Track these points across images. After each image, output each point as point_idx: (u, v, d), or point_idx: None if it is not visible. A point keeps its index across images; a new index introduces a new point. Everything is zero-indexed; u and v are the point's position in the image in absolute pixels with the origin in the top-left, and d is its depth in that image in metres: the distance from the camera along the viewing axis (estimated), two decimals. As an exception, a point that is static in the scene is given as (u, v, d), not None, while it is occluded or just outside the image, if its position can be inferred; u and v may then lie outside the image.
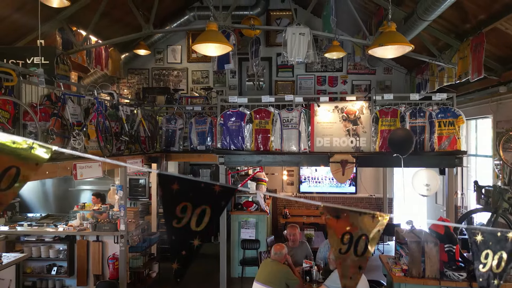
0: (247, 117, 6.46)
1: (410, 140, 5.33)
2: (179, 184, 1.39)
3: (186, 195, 1.40)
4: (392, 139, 5.49)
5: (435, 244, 4.07)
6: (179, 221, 1.43)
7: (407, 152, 5.34)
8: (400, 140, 5.37)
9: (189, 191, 1.41)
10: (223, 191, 1.41)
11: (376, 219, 1.40)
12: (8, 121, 3.82)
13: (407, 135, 5.44)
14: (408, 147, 5.31)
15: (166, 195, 1.40)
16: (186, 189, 1.41)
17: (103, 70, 9.05)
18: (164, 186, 1.39)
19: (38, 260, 6.92)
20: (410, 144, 5.32)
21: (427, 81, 8.28)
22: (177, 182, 1.39)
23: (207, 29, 4.43)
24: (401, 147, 5.31)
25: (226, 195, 1.44)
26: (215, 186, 1.41)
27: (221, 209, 1.47)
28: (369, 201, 10.36)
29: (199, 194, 1.43)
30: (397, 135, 5.50)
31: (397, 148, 5.40)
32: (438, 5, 4.98)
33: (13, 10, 6.68)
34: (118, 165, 5.85)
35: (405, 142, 5.27)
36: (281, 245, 4.85)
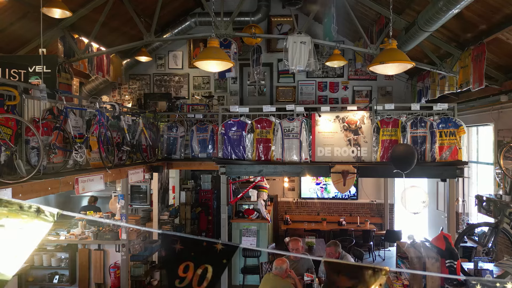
0: (248, 127, 6.48)
1: (412, 156, 5.34)
2: (182, 243, 1.40)
3: (188, 254, 1.41)
4: (394, 154, 5.50)
5: (436, 260, 4.08)
6: (181, 281, 1.43)
7: (409, 168, 5.35)
8: (402, 156, 5.37)
9: (191, 250, 1.42)
10: (225, 249, 1.42)
11: (377, 273, 1.40)
12: (11, 138, 3.84)
13: (409, 151, 5.45)
14: (410, 163, 5.31)
15: (168, 255, 1.40)
16: (188, 248, 1.41)
17: (104, 76, 9.06)
18: (166, 246, 1.39)
19: (40, 269, 6.94)
20: (412, 160, 5.33)
21: (428, 88, 8.28)
22: (179, 241, 1.40)
23: (208, 46, 4.44)
24: (403, 162, 5.32)
25: (228, 253, 1.45)
26: (217, 244, 1.41)
27: (222, 268, 1.48)
28: (370, 207, 10.36)
29: (201, 253, 1.43)
30: (399, 151, 5.50)
31: (399, 164, 5.41)
32: (440, 17, 4.98)
33: (15, 19, 6.72)
34: (120, 177, 5.87)
35: (407, 158, 5.28)
36: (282, 259, 4.86)
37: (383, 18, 7.12)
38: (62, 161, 4.66)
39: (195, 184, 10.16)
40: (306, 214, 10.46)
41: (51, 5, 5.71)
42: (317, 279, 5.16)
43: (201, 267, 1.44)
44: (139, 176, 6.49)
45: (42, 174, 4.09)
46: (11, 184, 3.49)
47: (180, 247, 1.41)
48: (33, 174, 3.81)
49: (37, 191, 3.77)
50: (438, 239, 4.27)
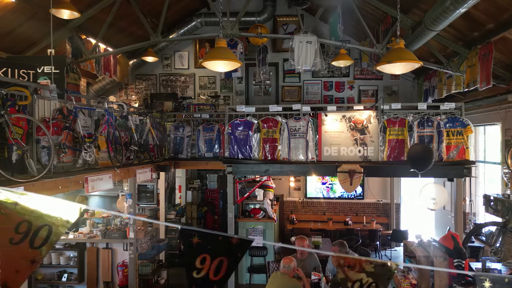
0: (254, 126, 6.50)
1: (430, 156, 5.33)
2: (199, 237, 1.44)
3: (205, 247, 1.46)
4: (412, 154, 5.49)
5: (444, 259, 4.08)
6: (199, 272, 1.48)
7: (425, 168, 5.34)
8: (420, 156, 5.36)
9: (207, 243, 1.47)
10: (239, 243, 1.47)
11: (387, 268, 1.43)
12: (22, 137, 3.89)
13: (427, 151, 5.43)
14: (427, 164, 5.30)
15: (186, 248, 1.45)
16: (205, 241, 1.46)
17: (111, 76, 9.13)
18: (185, 240, 1.44)
19: (49, 267, 7.02)
20: (430, 160, 5.31)
21: (435, 87, 8.25)
22: (197, 235, 1.44)
23: (216, 46, 4.47)
24: (420, 163, 5.31)
25: (242, 247, 1.49)
26: (232, 238, 1.46)
27: (237, 261, 1.53)
28: (376, 207, 10.34)
29: (217, 246, 1.48)
30: (417, 150, 5.50)
31: (416, 163, 5.39)
32: (447, 16, 4.97)
33: (24, 20, 6.79)
34: (128, 176, 5.92)
35: (425, 159, 5.27)
36: (290, 258, 4.88)
37: (389, 17, 7.11)
38: (72, 160, 4.72)
39: (201, 183, 10.21)
40: (312, 213, 10.46)
41: (59, 6, 5.77)
42: (324, 278, 5.17)
43: (217, 259, 1.48)
44: (146, 176, 6.54)
45: (53, 173, 4.15)
46: (23, 183, 3.55)
47: (198, 240, 1.46)
48: (44, 173, 3.87)
49: (48, 189, 3.83)
50: (446, 238, 4.27)
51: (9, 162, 3.77)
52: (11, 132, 3.61)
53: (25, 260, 1.21)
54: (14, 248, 1.20)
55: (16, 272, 1.26)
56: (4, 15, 6.36)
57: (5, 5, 6.16)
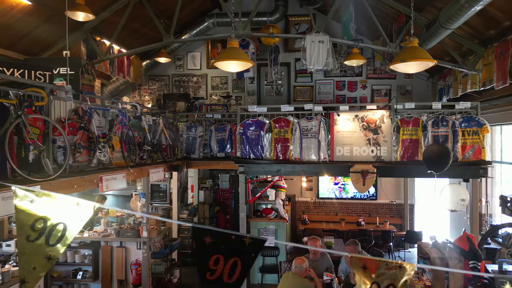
0: (266, 126, 6.51)
1: (447, 157, 5.24)
2: (212, 236, 1.44)
3: (218, 247, 1.45)
4: (428, 155, 5.41)
5: (459, 261, 4.01)
6: (212, 273, 1.48)
7: (443, 169, 5.25)
8: (436, 157, 5.28)
9: (221, 243, 1.46)
10: (253, 243, 1.46)
11: (403, 269, 1.41)
12: (39, 137, 3.97)
13: (445, 151, 5.34)
14: (445, 165, 5.22)
15: (199, 248, 1.45)
16: (218, 241, 1.46)
17: (125, 77, 9.26)
18: (197, 239, 1.44)
19: (65, 265, 7.14)
20: (447, 161, 5.23)
21: (450, 86, 8.12)
22: (209, 235, 1.44)
23: (228, 46, 4.49)
24: (437, 164, 5.23)
25: (256, 247, 1.48)
26: (245, 238, 1.45)
27: (251, 262, 1.52)
28: (389, 207, 10.23)
29: (231, 246, 1.48)
30: (433, 151, 5.41)
31: (432, 165, 5.31)
32: (462, 14, 4.89)
33: (40, 23, 6.92)
34: (142, 175, 5.99)
35: (442, 159, 5.18)
36: (302, 258, 4.87)
37: (403, 16, 7.03)
38: (87, 160, 4.79)
39: (213, 183, 10.26)
40: (324, 214, 10.41)
41: (74, 8, 5.87)
42: (336, 278, 5.14)
43: (230, 260, 1.48)
44: (159, 175, 6.60)
45: (68, 172, 4.23)
46: (40, 182, 3.62)
47: (211, 240, 1.46)
48: (59, 172, 3.94)
49: (64, 188, 3.90)
50: (461, 239, 4.20)
51: (26, 161, 3.85)
52: (28, 132, 3.69)
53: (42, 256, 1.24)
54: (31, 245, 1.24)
55: (34, 268, 1.29)
56: (21, 18, 6.50)
57: (22, 8, 6.29)
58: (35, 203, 1.24)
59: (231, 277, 1.49)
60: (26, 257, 1.26)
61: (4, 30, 6.55)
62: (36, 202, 1.23)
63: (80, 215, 1.31)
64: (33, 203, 1.25)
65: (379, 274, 1.40)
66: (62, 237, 1.27)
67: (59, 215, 1.25)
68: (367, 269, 1.42)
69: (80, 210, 1.30)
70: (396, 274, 1.40)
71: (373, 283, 1.42)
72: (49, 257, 1.26)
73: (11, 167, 3.50)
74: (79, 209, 1.30)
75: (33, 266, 1.27)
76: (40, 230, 1.24)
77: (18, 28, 6.71)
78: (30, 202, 1.26)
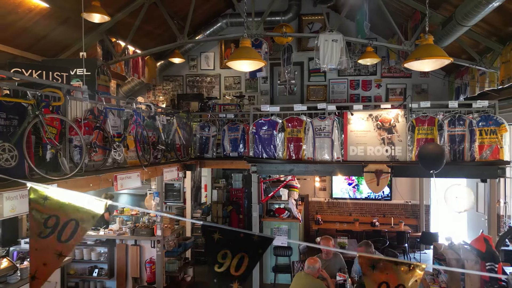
0: (279, 126, 6.50)
1: (441, 155, 5.16)
2: (220, 233, 1.46)
3: (226, 243, 1.48)
4: (422, 155, 5.35)
5: (475, 262, 3.93)
6: (220, 266, 1.50)
7: (439, 167, 5.18)
8: (430, 156, 5.22)
9: (229, 240, 1.49)
10: (261, 240, 1.47)
11: (413, 270, 1.39)
12: (56, 137, 4.06)
13: (438, 150, 5.27)
14: (440, 163, 5.14)
15: (208, 243, 1.47)
16: (227, 238, 1.49)
17: (140, 78, 9.38)
18: (206, 235, 1.47)
19: (81, 262, 7.29)
20: (441, 159, 5.15)
21: (467, 85, 7.95)
22: (218, 231, 1.47)
23: (240, 46, 4.50)
24: (432, 162, 5.17)
25: (263, 244, 1.50)
26: (254, 236, 1.47)
27: (258, 257, 1.54)
28: (405, 208, 10.08)
29: (238, 243, 1.50)
30: (426, 151, 5.35)
31: (427, 164, 5.25)
32: (479, 11, 4.79)
33: (57, 25, 7.07)
34: (156, 174, 6.06)
35: (436, 159, 5.12)
36: (314, 258, 4.84)
37: (418, 13, 6.92)
38: (102, 159, 4.87)
39: (226, 183, 10.30)
40: (337, 214, 10.33)
41: (91, 10, 5.99)
42: (349, 279, 5.10)
43: (238, 255, 1.50)
44: (173, 174, 6.67)
45: (84, 171, 4.31)
46: (57, 180, 3.70)
47: (219, 236, 1.48)
48: (76, 171, 4.02)
49: (80, 187, 3.98)
50: (478, 241, 4.11)
51: (44, 160, 3.94)
52: (45, 131, 3.78)
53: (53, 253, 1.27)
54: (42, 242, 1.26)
55: (44, 264, 1.32)
56: (38, 20, 6.66)
57: (40, 10, 6.44)
58: (48, 200, 1.27)
59: (237, 270, 1.51)
60: (37, 253, 1.29)
61: (22, 32, 6.72)
62: (50, 200, 1.26)
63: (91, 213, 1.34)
64: (46, 200, 1.28)
65: (389, 274, 1.39)
66: (73, 234, 1.29)
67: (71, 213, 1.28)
68: (377, 269, 1.41)
69: (91, 208, 1.33)
70: (406, 274, 1.38)
71: (383, 283, 1.40)
72: (60, 253, 1.29)
73: (29, 165, 3.59)
74: (90, 207, 1.33)
75: (44, 262, 1.30)
76: (52, 226, 1.27)
77: (36, 30, 6.87)
78: (44, 200, 1.29)
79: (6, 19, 6.25)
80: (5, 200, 3.03)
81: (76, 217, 1.27)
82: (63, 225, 1.25)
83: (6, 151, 3.29)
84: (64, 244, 1.28)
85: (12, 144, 3.38)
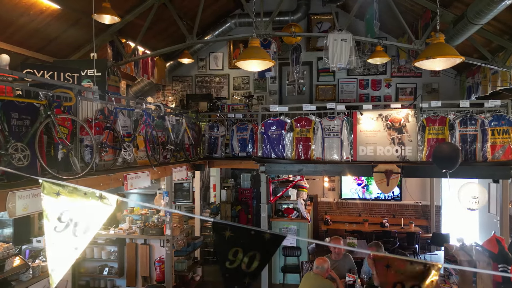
0: (287, 126, 6.48)
1: (457, 155, 5.09)
2: (231, 231, 1.47)
3: (238, 241, 1.48)
4: (436, 154, 5.27)
5: (488, 264, 3.87)
6: (231, 263, 1.50)
7: (454, 167, 5.10)
8: (445, 156, 5.14)
9: (240, 237, 1.49)
10: (272, 238, 1.47)
11: (429, 270, 1.37)
12: (67, 137, 4.11)
13: (453, 150, 5.20)
14: (455, 163, 5.07)
15: (219, 241, 1.48)
16: (237, 235, 1.49)
17: (149, 78, 9.45)
18: (217, 233, 1.47)
19: (91, 261, 7.37)
20: (457, 159, 5.08)
21: (479, 84, 7.84)
22: (229, 229, 1.47)
23: (249, 46, 4.51)
24: (447, 162, 5.09)
25: (274, 242, 1.50)
26: (265, 234, 1.47)
27: (269, 255, 1.54)
28: (415, 209, 9.98)
29: (250, 241, 1.50)
30: (442, 151, 5.28)
31: (442, 164, 5.18)
32: (491, 9, 4.72)
33: (68, 26, 7.17)
34: (165, 174, 6.09)
35: (451, 158, 5.04)
36: (323, 258, 4.82)
37: (429, 12, 6.84)
38: (112, 159, 4.92)
39: (235, 182, 10.33)
40: (347, 214, 10.27)
41: (101, 12, 6.05)
42: (359, 280, 5.06)
43: (249, 253, 1.50)
44: (182, 174, 6.70)
45: (95, 171, 4.36)
46: (68, 180, 3.74)
47: (230, 234, 1.48)
48: (86, 170, 4.07)
49: (90, 186, 3.97)
50: (490, 242, 4.05)
51: (55, 160, 3.99)
52: (57, 131, 3.83)
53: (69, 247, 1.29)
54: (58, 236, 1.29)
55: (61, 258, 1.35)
56: (50, 22, 6.76)
57: (51, 12, 6.53)
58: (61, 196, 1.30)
59: (249, 267, 1.51)
60: (54, 247, 1.32)
61: (34, 34, 6.83)
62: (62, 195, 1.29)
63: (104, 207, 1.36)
64: (59, 196, 1.31)
65: (403, 273, 1.37)
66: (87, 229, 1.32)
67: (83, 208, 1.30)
68: (391, 268, 1.39)
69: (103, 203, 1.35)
70: (421, 274, 1.36)
71: (398, 283, 1.39)
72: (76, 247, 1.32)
73: (41, 165, 3.64)
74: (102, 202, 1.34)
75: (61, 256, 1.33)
76: (66, 221, 1.29)
77: (48, 32, 6.97)
78: (57, 195, 1.31)
79: (19, 20, 6.35)
80: (18, 199, 3.07)
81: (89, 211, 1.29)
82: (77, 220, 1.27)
83: (18, 151, 3.34)
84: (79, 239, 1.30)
85: (25, 143, 3.43)
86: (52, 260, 1.33)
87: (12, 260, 5.17)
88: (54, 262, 1.32)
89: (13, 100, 3.55)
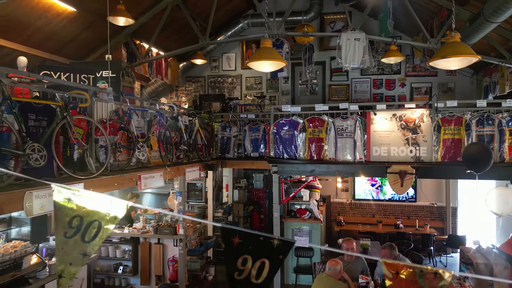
0: (300, 126, 6.46)
1: (489, 157, 4.97)
2: (240, 237, 1.46)
3: (246, 247, 1.47)
4: (467, 154, 5.16)
5: (505, 267, 3.78)
6: (240, 273, 1.49)
7: (483, 169, 4.99)
8: (476, 157, 5.03)
9: (249, 244, 1.47)
10: (281, 245, 1.46)
11: (439, 277, 1.34)
12: (82, 137, 4.19)
13: (485, 151, 5.08)
14: (486, 165, 4.95)
15: (228, 248, 1.47)
16: (246, 242, 1.47)
17: (163, 79, 9.54)
18: (226, 239, 1.47)
19: (106, 259, 7.48)
20: (488, 161, 4.96)
21: (496, 83, 7.67)
22: (238, 235, 1.46)
23: (261, 46, 4.51)
24: (478, 163, 4.98)
25: (284, 249, 1.48)
26: (273, 239, 1.46)
27: (279, 263, 1.52)
28: (430, 210, 9.83)
29: (258, 247, 1.48)
30: (472, 151, 5.16)
31: (472, 164, 5.06)
32: (509, 6, 4.61)
33: (83, 28, 7.30)
34: (178, 174, 6.14)
35: (482, 160, 4.92)
36: (336, 260, 4.79)
37: (444, 10, 6.73)
38: (126, 159, 4.99)
39: (247, 183, 10.34)
40: (360, 215, 10.18)
41: (116, 14, 6.14)
42: (372, 282, 5.01)
43: (258, 261, 1.49)
44: (195, 174, 6.74)
45: (109, 170, 4.43)
46: (83, 180, 3.82)
47: (239, 240, 1.47)
48: (101, 170, 4.14)
49: (105, 186, 4.08)
50: (508, 245, 3.95)
51: (71, 160, 4.07)
52: (73, 132, 3.90)
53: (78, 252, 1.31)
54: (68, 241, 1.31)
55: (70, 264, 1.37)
56: (66, 24, 6.89)
57: (68, 15, 6.66)
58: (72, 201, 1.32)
59: (258, 278, 1.49)
60: (63, 252, 1.34)
61: (51, 36, 6.97)
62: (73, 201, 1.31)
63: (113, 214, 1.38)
64: (70, 201, 1.33)
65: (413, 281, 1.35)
66: (97, 234, 1.34)
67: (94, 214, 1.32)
68: (401, 275, 1.37)
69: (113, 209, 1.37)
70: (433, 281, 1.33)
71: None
72: (85, 253, 1.34)
73: (57, 165, 3.71)
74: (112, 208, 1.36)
75: (70, 261, 1.34)
76: (76, 227, 1.31)
77: (64, 34, 7.11)
78: (68, 200, 1.33)
79: (36, 23, 6.49)
80: (35, 198, 3.14)
81: (99, 217, 1.31)
82: (87, 225, 1.29)
83: (36, 151, 3.42)
84: (89, 244, 1.32)
85: (42, 144, 3.50)
86: (60, 266, 1.35)
87: (30, 258, 5.29)
88: (62, 268, 1.34)
89: (30, 102, 3.64)
